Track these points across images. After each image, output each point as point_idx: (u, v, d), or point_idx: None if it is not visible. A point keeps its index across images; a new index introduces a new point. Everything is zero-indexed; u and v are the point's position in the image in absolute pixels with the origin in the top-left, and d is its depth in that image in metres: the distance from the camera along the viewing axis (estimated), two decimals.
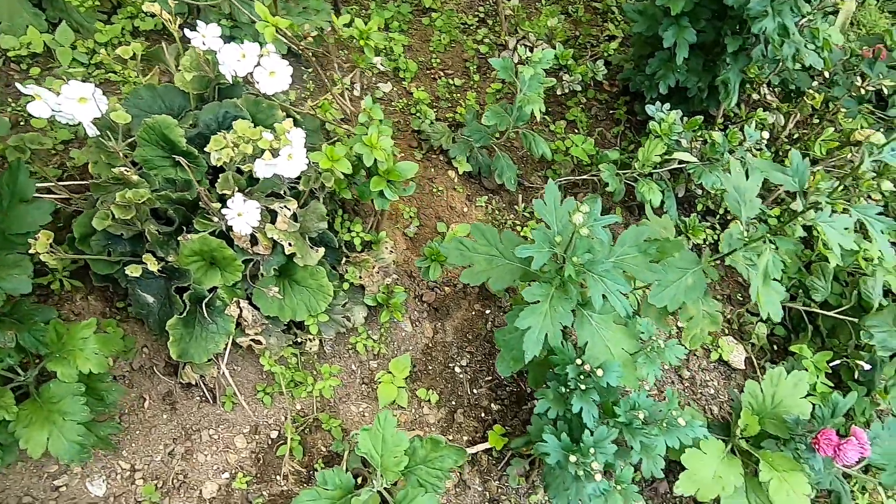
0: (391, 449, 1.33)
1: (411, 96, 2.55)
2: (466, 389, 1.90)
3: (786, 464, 1.52)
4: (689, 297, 1.48)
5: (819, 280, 2.04)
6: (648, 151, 2.12)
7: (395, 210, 2.16)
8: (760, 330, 2.13)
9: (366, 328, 1.88)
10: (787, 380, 1.61)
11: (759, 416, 1.61)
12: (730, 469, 1.54)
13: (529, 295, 1.38)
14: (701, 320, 1.61)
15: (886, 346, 1.82)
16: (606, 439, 1.34)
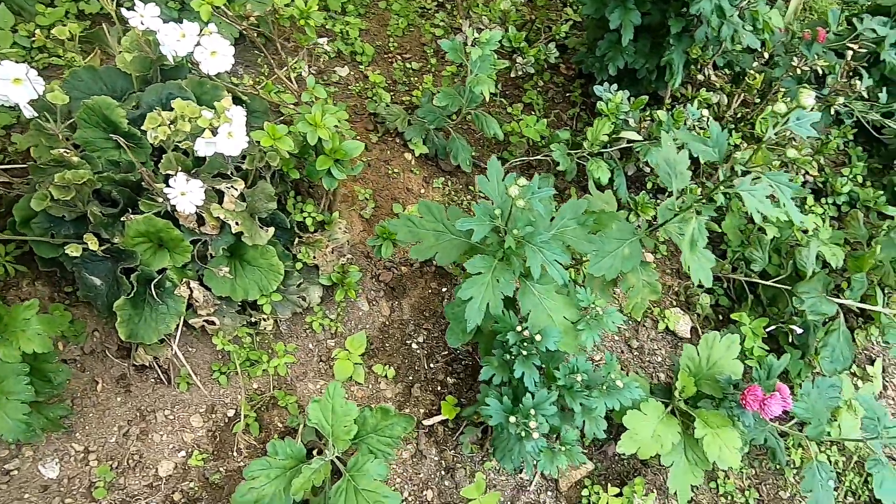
0: (341, 419, 1.37)
1: (368, 80, 2.56)
2: (423, 364, 1.95)
3: (719, 420, 1.61)
4: (626, 267, 1.55)
5: (757, 251, 2.15)
6: (597, 131, 2.18)
7: (351, 192, 2.19)
8: (704, 300, 2.23)
9: (322, 308, 1.91)
10: (720, 343, 1.71)
11: (695, 378, 1.70)
12: (668, 428, 1.63)
13: (472, 267, 1.43)
14: (641, 289, 1.69)
15: (816, 311, 1.94)
16: (546, 401, 1.41)
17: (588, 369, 1.48)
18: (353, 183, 2.22)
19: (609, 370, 1.53)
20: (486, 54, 2.05)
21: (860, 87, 2.24)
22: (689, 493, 1.66)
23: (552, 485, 1.82)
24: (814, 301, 1.95)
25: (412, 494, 1.72)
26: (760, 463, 2.07)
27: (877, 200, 2.74)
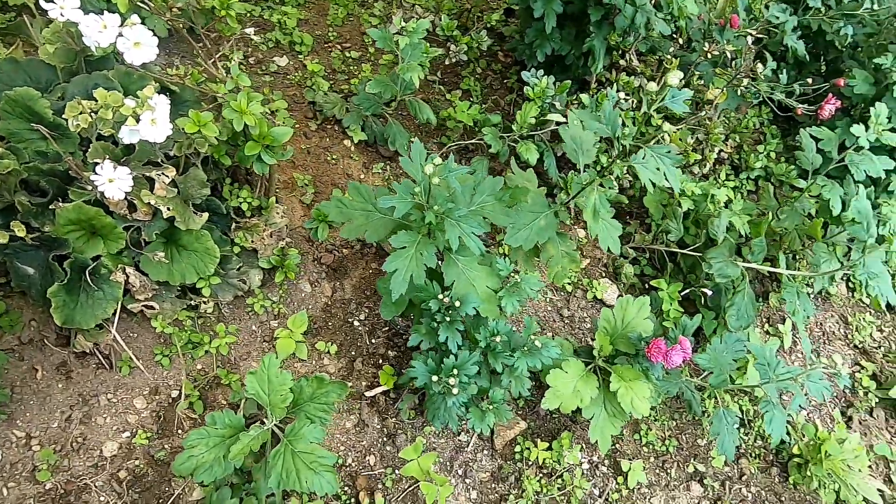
0: (277, 388, 1.46)
1: (307, 69, 2.61)
2: (365, 340, 2.05)
3: (632, 374, 1.78)
4: (542, 237, 1.69)
5: (673, 222, 2.33)
6: (525, 114, 2.31)
7: (291, 179, 2.25)
8: (628, 270, 2.41)
9: (264, 290, 1.98)
10: (633, 305, 1.87)
11: (611, 338, 1.86)
12: (587, 384, 1.79)
13: (396, 241, 1.54)
14: (560, 259, 1.83)
15: (723, 274, 2.14)
16: (469, 362, 1.53)
17: (507, 331, 1.61)
18: (292, 170, 2.29)
19: (529, 332, 1.66)
20: (416, 42, 2.14)
21: (761, 70, 2.44)
22: (610, 442, 1.83)
23: (488, 444, 1.96)
24: (721, 265, 2.15)
25: (355, 460, 1.83)
26: (681, 415, 2.28)
27: (788, 175, 2.98)
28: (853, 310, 2.98)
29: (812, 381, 1.77)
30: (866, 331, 2.89)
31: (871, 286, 1.94)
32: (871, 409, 2.59)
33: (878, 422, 2.56)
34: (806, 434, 2.18)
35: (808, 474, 2.12)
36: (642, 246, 2.52)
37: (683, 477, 2.12)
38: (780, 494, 2.15)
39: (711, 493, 2.12)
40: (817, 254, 2.12)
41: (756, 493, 2.15)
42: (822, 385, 1.77)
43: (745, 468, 2.20)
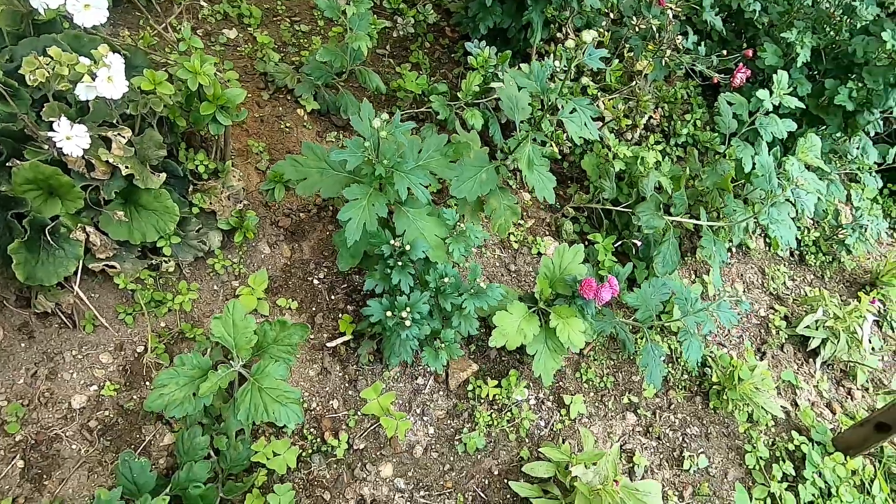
0: (241, 331, 1.57)
1: (257, 42, 2.66)
2: (325, 297, 2.17)
3: (568, 312, 1.99)
4: (484, 190, 1.85)
5: (606, 182, 2.56)
6: (469, 83, 2.46)
7: (245, 147, 2.32)
8: (568, 227, 2.63)
9: (224, 252, 2.06)
10: (569, 252, 2.08)
11: (550, 282, 2.06)
12: (530, 323, 1.98)
13: (350, 194, 1.67)
14: (503, 212, 2.01)
15: (650, 225, 2.38)
16: (420, 301, 1.69)
17: (454, 274, 1.77)
18: (246, 137, 2.35)
19: (474, 277, 1.83)
20: (363, 12, 2.24)
21: (679, 41, 2.68)
22: (552, 375, 2.03)
23: (443, 386, 2.13)
24: (648, 218, 2.38)
25: (320, 405, 1.96)
26: (618, 355, 2.52)
27: (712, 141, 3.28)
28: (770, 262, 3.34)
29: (721, 310, 2.03)
30: (780, 280, 3.25)
31: (772, 229, 2.22)
32: (781, 345, 2.93)
33: (787, 355, 2.92)
34: (722, 363, 2.47)
35: (725, 399, 2.41)
36: (581, 205, 2.74)
37: (619, 408, 2.37)
38: (703, 418, 2.44)
39: (644, 421, 2.38)
40: (728, 206, 2.39)
41: (682, 418, 2.43)
42: (729, 314, 2.04)
43: (673, 398, 2.47)
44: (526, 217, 2.74)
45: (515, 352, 2.25)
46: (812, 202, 2.30)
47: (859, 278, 3.52)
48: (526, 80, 1.62)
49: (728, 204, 2.40)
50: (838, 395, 2.85)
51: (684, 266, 2.97)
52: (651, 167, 2.69)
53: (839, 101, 2.96)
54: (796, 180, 2.18)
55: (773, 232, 2.22)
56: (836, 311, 2.89)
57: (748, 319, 2.99)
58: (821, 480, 2.27)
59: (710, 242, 2.39)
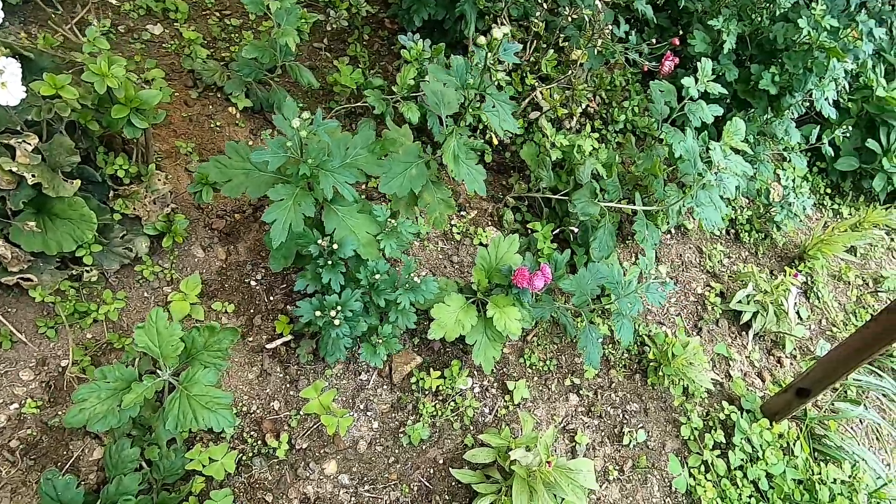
0: (167, 339, 1.54)
1: (184, 37, 2.57)
2: (263, 298, 2.15)
3: (505, 301, 2.04)
4: (416, 185, 1.86)
5: (543, 171, 2.61)
6: (404, 76, 2.46)
7: (173, 148, 2.25)
8: (509, 216, 2.67)
9: (154, 258, 2.00)
10: (504, 242, 2.12)
11: (487, 273, 2.11)
12: (468, 314, 2.02)
13: (275, 195, 1.65)
14: (437, 206, 2.03)
15: (585, 212, 2.45)
16: (351, 299, 1.70)
17: (386, 269, 1.78)
18: (174, 138, 2.28)
19: (408, 271, 1.85)
20: (290, 6, 2.19)
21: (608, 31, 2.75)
22: (492, 363, 2.08)
23: (387, 380, 2.16)
24: (583, 205, 2.45)
25: (260, 407, 1.95)
26: (560, 339, 2.60)
27: (650, 127, 3.38)
28: (707, 241, 3.49)
29: (650, 292, 2.12)
30: (716, 258, 3.41)
31: (698, 212, 2.33)
32: (717, 320, 3.08)
33: (722, 329, 3.07)
34: (658, 341, 2.59)
35: (662, 375, 2.53)
36: (522, 195, 2.79)
37: (562, 390, 2.46)
38: (642, 395, 2.56)
39: (586, 401, 2.47)
40: (658, 190, 2.49)
41: (622, 395, 2.53)
42: (657, 294, 2.13)
43: (614, 377, 2.57)
44: (468, 208, 2.78)
45: (458, 342, 2.29)
46: (733, 185, 2.42)
47: (789, 253, 3.73)
48: (445, 76, 1.63)
49: (658, 188, 2.50)
50: (769, 364, 3.03)
51: (626, 248, 3.08)
52: (587, 155, 2.76)
53: (763, 86, 3.10)
54: (718, 164, 2.28)
55: (699, 214, 2.32)
56: (765, 285, 3.06)
57: (686, 297, 3.13)
58: (749, 446, 2.42)
59: (643, 226, 2.48)
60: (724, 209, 2.49)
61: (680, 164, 2.45)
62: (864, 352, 2.07)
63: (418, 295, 1.86)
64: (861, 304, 3.51)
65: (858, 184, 4.11)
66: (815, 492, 2.36)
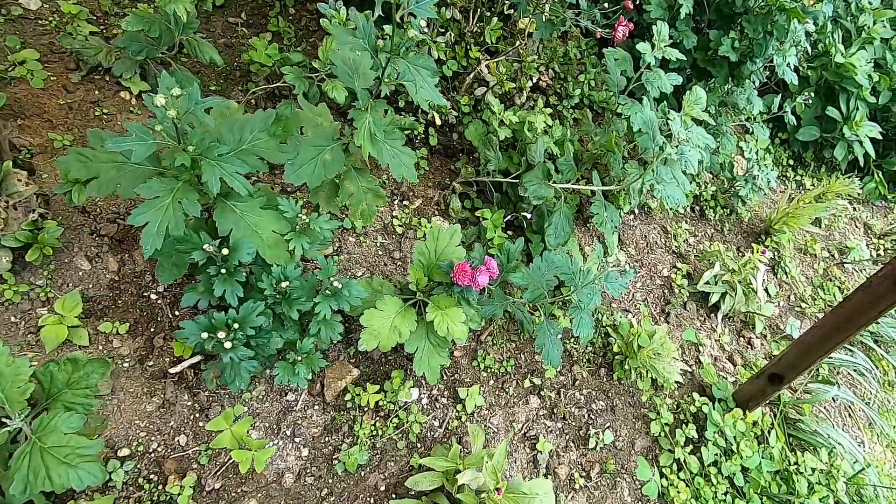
0: (12, 379, 1.22)
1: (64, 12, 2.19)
2: (166, 314, 1.83)
3: (447, 302, 1.78)
4: (330, 172, 1.58)
5: (490, 151, 2.35)
6: (326, 49, 2.15)
7: (47, 142, 1.90)
8: (455, 204, 2.41)
9: (21, 275, 1.66)
10: (444, 234, 1.86)
11: (427, 269, 1.84)
12: (405, 319, 1.76)
13: (147, 191, 1.34)
14: (363, 196, 1.74)
15: (537, 195, 2.21)
16: (252, 314, 1.41)
17: (297, 275, 1.50)
18: (48, 129, 1.92)
19: (328, 275, 1.57)
20: None
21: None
22: (438, 371, 1.83)
23: (318, 399, 1.88)
24: (535, 187, 2.21)
25: (162, 444, 1.65)
26: (519, 336, 2.37)
27: (608, 100, 3.15)
28: (671, 221, 3.31)
29: (609, 281, 1.90)
30: (682, 237, 3.23)
31: (658, 190, 2.11)
32: (685, 303, 2.91)
33: (690, 313, 2.90)
34: (622, 332, 2.38)
35: (628, 368, 2.33)
36: (470, 180, 2.53)
37: (522, 393, 2.23)
38: (608, 391, 2.35)
39: (548, 403, 2.25)
40: (615, 167, 2.26)
41: (587, 393, 2.33)
42: (617, 284, 1.91)
43: (578, 373, 2.36)
44: (411, 197, 2.50)
45: (401, 349, 2.03)
46: (695, 158, 2.21)
47: (755, 228, 3.60)
48: (351, 38, 1.34)
49: (616, 166, 2.27)
50: (739, 346, 2.88)
51: (587, 232, 2.86)
52: (540, 133, 2.52)
53: (723, 52, 2.90)
54: (678, 136, 2.06)
55: (660, 192, 2.11)
56: (732, 263, 2.90)
57: (652, 280, 2.94)
58: (722, 439, 2.25)
59: (601, 208, 2.25)
60: (688, 186, 2.29)
61: (638, 137, 2.22)
62: (839, 333, 1.90)
63: (342, 301, 1.59)
64: (828, 277, 3.41)
65: (820, 153, 4.01)
66: (793, 483, 2.21)
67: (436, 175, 2.64)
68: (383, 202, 1.81)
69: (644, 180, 2.11)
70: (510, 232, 2.56)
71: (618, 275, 1.92)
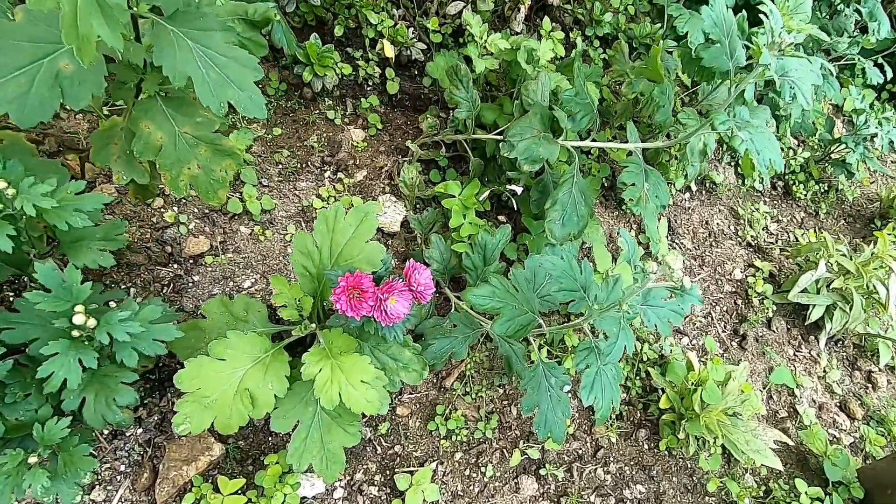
0: None
1: None
2: None
3: (345, 343, 0.98)
4: (75, 98, 0.79)
5: (459, 90, 1.50)
6: None
7: None
8: (408, 174, 1.57)
9: None
10: (348, 218, 1.05)
11: (317, 282, 1.04)
12: (270, 373, 0.96)
13: None
14: (188, 151, 0.95)
15: (531, 156, 1.35)
16: None
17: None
18: None
19: (71, 296, 0.79)
20: None
21: None
22: (341, 462, 1.04)
23: (145, 498, 1.12)
24: (528, 143, 1.35)
25: None
26: (505, 377, 1.54)
27: (654, 34, 2.22)
28: (744, 200, 2.36)
29: (651, 304, 1.03)
30: (760, 224, 2.28)
31: (739, 140, 1.20)
32: (768, 321, 1.98)
33: (777, 334, 1.97)
34: (673, 374, 1.50)
35: (683, 434, 1.45)
36: (437, 138, 1.69)
37: (508, 473, 1.40)
38: (650, 468, 1.48)
39: (553, 487, 1.41)
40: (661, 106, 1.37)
41: (617, 471, 1.47)
42: (667, 310, 1.04)
43: (602, 437, 1.51)
44: (352, 166, 1.70)
45: None
46: (808, 84, 1.29)
47: (865, 210, 2.58)
48: None
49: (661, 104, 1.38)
50: (854, 386, 1.93)
51: (619, 219, 1.98)
52: (545, 65, 1.64)
53: None
54: (779, 38, 1.15)
55: (742, 144, 1.20)
56: (845, 262, 1.93)
57: (718, 286, 2.03)
58: None
59: (639, 175, 1.37)
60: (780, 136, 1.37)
61: (704, 51, 1.32)
62: None
63: (124, 350, 0.81)
64: None
65: None
66: None
67: (394, 137, 1.82)
68: (235, 166, 1.01)
69: (718, 123, 1.20)
70: (501, 218, 1.71)
71: (666, 292, 1.05)
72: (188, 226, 1.40)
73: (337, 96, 1.80)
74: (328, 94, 1.79)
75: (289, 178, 1.61)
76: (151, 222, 1.38)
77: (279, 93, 1.74)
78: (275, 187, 1.57)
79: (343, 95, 1.82)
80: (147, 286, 1.30)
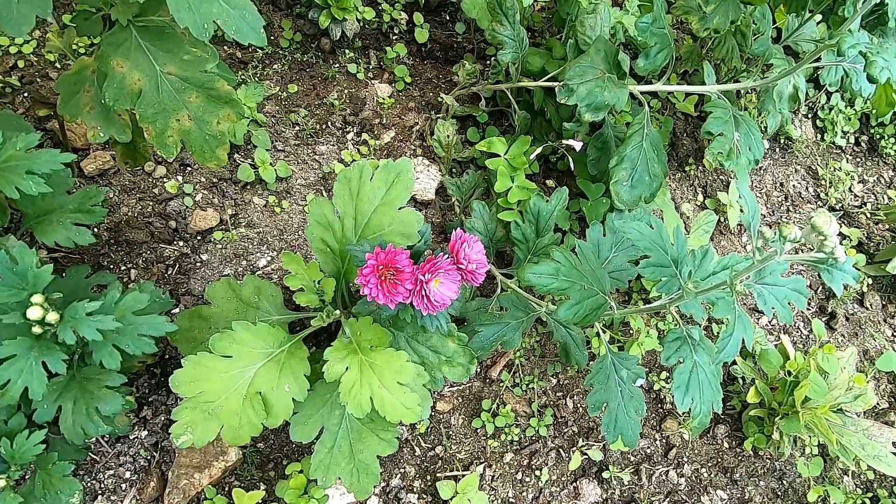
0: None
1: None
2: None
3: (377, 335, 0.79)
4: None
5: (504, 26, 1.25)
6: None
7: None
8: (442, 130, 1.34)
9: None
10: (374, 181, 0.84)
11: (339, 261, 0.84)
12: (286, 372, 0.79)
13: None
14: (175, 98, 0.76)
15: (595, 102, 1.10)
16: None
17: None
18: None
19: (27, 283, 0.62)
20: None
21: None
22: (375, 476, 0.86)
23: None
24: (590, 87, 1.10)
25: None
26: (558, 367, 1.33)
27: None
28: (822, 157, 2.05)
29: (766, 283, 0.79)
30: (844, 184, 1.98)
31: (876, 65, 0.92)
32: (861, 296, 1.71)
33: (871, 312, 1.70)
34: (765, 361, 1.26)
35: (775, 432, 1.22)
36: (475, 89, 1.45)
37: (567, 476, 1.21)
38: (732, 469, 1.27)
39: (618, 493, 1.22)
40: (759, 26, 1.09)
41: (692, 473, 1.26)
42: (787, 290, 0.80)
43: (673, 434, 1.29)
44: (379, 126, 1.48)
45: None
46: None
47: None
48: None
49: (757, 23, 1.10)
50: None
51: (686, 180, 1.71)
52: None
53: None
54: None
55: (883, 72, 0.91)
56: None
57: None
58: None
59: (727, 120, 1.11)
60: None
61: None
62: None
63: (102, 350, 0.64)
64: None
65: None
66: None
67: (424, 91, 1.59)
68: (235, 116, 0.81)
69: (846, 47, 0.92)
70: (550, 183, 1.48)
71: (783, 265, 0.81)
72: (194, 197, 1.23)
73: (359, 47, 1.58)
74: (349, 45, 1.56)
75: (307, 142, 1.41)
76: (153, 194, 1.21)
77: (293, 45, 1.53)
78: (291, 152, 1.37)
79: (365, 46, 1.59)
80: (149, 267, 1.14)
